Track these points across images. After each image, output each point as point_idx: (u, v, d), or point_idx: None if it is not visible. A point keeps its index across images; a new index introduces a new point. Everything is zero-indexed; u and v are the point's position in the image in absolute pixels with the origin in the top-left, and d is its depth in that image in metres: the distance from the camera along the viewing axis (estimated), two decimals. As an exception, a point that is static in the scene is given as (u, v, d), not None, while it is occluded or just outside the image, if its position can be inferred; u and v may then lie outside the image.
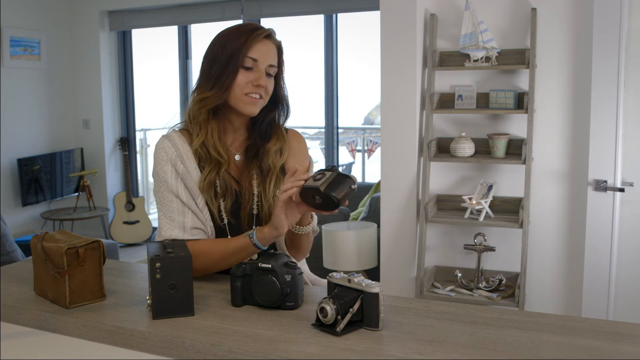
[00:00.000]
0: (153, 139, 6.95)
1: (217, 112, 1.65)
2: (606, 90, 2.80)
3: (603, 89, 2.81)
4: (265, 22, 5.63)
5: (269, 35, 1.66)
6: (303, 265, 1.80)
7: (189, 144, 1.65)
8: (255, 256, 1.64)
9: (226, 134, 1.70)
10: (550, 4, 2.92)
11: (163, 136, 1.69)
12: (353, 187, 1.42)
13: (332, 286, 1.32)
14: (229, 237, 1.65)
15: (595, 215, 2.88)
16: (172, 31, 6.08)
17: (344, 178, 1.41)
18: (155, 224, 6.14)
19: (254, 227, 1.65)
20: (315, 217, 1.76)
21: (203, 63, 1.67)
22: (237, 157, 1.68)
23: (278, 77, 1.70)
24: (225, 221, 1.64)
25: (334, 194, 1.38)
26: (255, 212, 1.66)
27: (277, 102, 1.72)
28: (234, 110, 1.65)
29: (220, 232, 1.64)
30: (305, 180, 1.44)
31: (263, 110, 1.68)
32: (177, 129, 1.69)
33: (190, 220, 1.61)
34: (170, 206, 1.62)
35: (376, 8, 3.26)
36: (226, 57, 1.61)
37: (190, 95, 1.69)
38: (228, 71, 1.60)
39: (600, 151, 2.84)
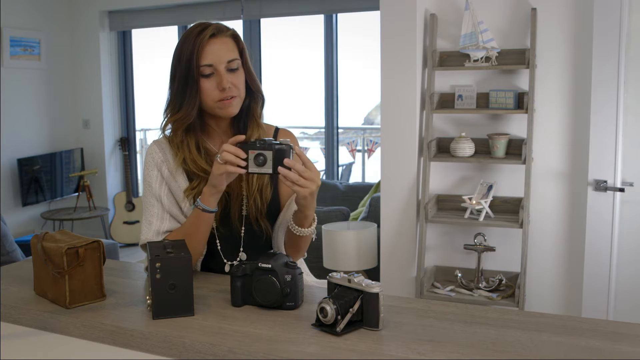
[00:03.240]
0: (153, 139, 6.93)
1: (194, 125, 1.62)
2: (606, 90, 2.80)
3: (603, 89, 2.81)
4: (265, 22, 5.63)
5: (215, 33, 1.57)
6: (303, 266, 1.80)
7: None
8: (244, 255, 1.66)
9: (213, 139, 1.68)
10: (550, 4, 2.92)
11: (153, 141, 1.69)
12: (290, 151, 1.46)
13: (332, 286, 1.32)
14: (218, 242, 1.65)
15: (595, 215, 2.88)
16: (172, 31, 6.08)
17: (281, 151, 1.44)
18: (155, 224, 6.13)
19: (242, 227, 1.65)
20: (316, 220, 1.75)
21: (169, 78, 1.63)
22: None
23: (245, 65, 1.63)
24: (214, 225, 1.64)
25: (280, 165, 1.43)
26: (244, 212, 1.65)
27: (248, 91, 1.66)
28: (214, 116, 1.63)
29: (210, 238, 1.63)
30: (247, 168, 1.44)
31: None
32: (168, 134, 1.68)
33: (167, 225, 1.62)
34: (151, 210, 1.63)
35: (376, 8, 3.26)
36: (183, 72, 1.56)
37: (163, 113, 1.65)
38: (189, 86, 1.56)
39: (600, 151, 2.84)
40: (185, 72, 1.56)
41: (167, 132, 1.68)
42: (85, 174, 5.89)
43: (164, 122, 1.65)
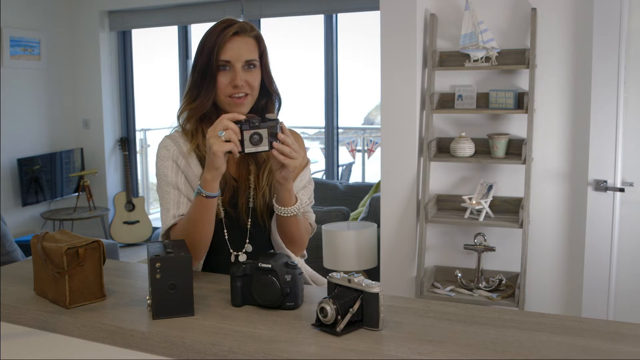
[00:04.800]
0: (153, 139, 6.96)
1: (209, 115, 1.65)
2: (606, 90, 2.80)
3: (603, 89, 2.81)
4: (265, 22, 5.63)
5: (239, 31, 1.62)
6: (302, 264, 1.80)
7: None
8: (250, 247, 1.68)
9: None
10: (550, 4, 2.92)
11: (166, 136, 1.72)
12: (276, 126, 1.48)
13: (332, 286, 1.32)
14: (226, 231, 1.67)
15: (595, 215, 2.88)
16: (172, 31, 6.08)
17: (272, 125, 1.47)
18: (154, 223, 6.15)
19: (249, 220, 1.67)
20: (312, 214, 1.75)
21: (191, 68, 1.69)
22: (236, 156, 1.69)
23: (264, 67, 1.67)
24: (222, 215, 1.66)
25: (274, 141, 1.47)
26: (251, 205, 1.68)
27: (266, 92, 1.70)
28: (226, 111, 1.66)
29: (217, 225, 1.65)
30: (242, 146, 1.47)
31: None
32: (179, 130, 1.72)
33: (184, 209, 1.64)
34: (167, 198, 1.65)
35: (376, 8, 3.26)
36: (203, 63, 1.61)
37: (181, 100, 1.70)
38: (207, 78, 1.61)
39: (600, 151, 2.84)
40: (205, 65, 1.61)
41: (181, 120, 1.71)
42: (85, 174, 5.89)
43: (181, 108, 1.69)
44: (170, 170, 1.66)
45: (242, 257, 1.68)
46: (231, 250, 1.68)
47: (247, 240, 1.69)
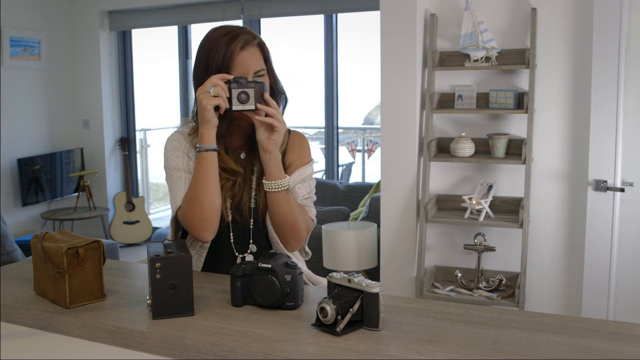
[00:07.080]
0: (153, 139, 6.96)
1: (220, 130, 1.61)
2: (606, 90, 2.80)
3: (603, 89, 2.81)
4: (265, 22, 5.63)
5: (244, 45, 1.58)
6: (303, 265, 1.80)
7: None
8: (254, 247, 1.68)
9: (234, 137, 1.70)
10: (550, 4, 2.92)
11: (176, 131, 1.72)
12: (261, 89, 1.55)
13: (332, 286, 1.32)
14: (232, 235, 1.68)
15: (595, 215, 2.88)
16: (172, 31, 6.08)
17: (259, 86, 1.53)
18: (154, 223, 6.15)
19: (251, 219, 1.68)
20: (313, 209, 1.75)
21: (193, 82, 1.64)
22: (242, 156, 1.69)
23: (270, 70, 1.67)
24: (230, 218, 1.66)
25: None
26: (252, 205, 1.68)
27: (272, 92, 1.69)
28: (239, 123, 1.66)
29: (224, 229, 1.65)
30: (230, 103, 1.52)
31: None
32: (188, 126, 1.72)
33: None
34: (177, 181, 1.64)
35: (376, 8, 3.27)
36: None
37: (191, 119, 1.70)
38: None
39: (600, 151, 2.84)
40: None
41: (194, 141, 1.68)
42: (85, 174, 5.89)
43: (194, 129, 1.67)
44: (181, 159, 1.66)
45: (249, 258, 1.68)
46: (236, 254, 1.69)
47: (251, 241, 1.69)
